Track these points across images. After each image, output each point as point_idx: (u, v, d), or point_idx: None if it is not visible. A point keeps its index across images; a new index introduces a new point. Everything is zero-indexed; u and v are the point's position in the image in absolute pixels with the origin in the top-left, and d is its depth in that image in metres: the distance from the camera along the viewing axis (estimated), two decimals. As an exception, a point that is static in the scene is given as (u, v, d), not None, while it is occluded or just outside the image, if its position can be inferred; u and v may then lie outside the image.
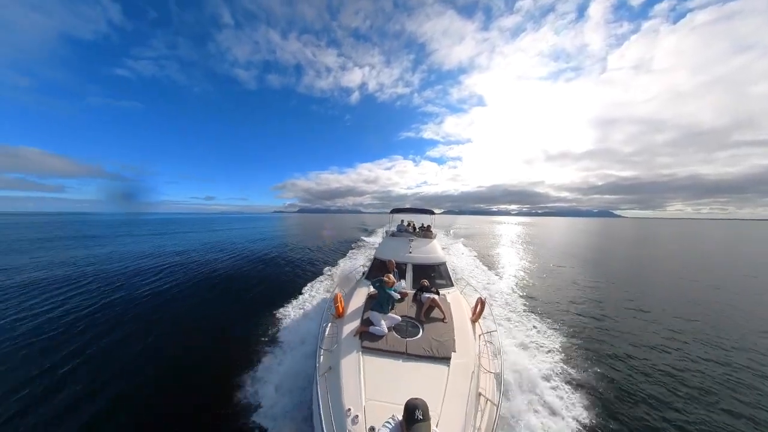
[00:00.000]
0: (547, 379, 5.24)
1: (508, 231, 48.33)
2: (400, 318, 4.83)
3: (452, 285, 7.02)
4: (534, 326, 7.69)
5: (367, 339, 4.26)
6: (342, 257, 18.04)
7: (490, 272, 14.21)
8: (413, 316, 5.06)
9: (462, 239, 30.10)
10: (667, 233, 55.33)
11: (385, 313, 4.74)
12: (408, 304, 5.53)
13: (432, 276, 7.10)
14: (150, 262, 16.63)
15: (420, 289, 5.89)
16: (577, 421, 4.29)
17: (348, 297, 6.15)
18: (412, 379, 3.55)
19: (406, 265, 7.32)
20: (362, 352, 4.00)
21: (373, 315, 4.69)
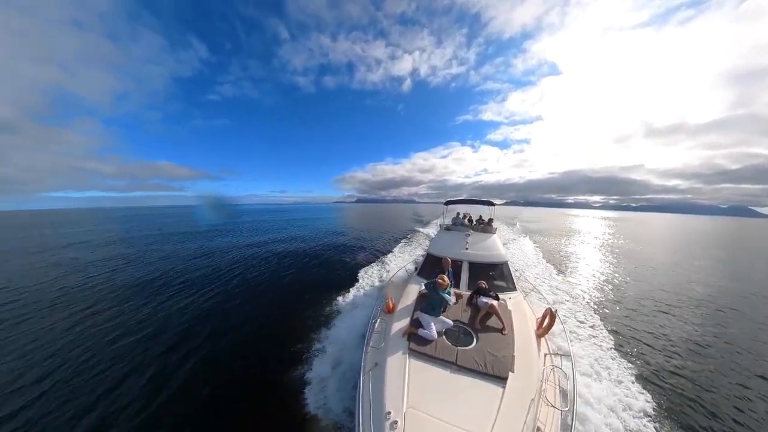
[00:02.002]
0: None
1: (591, 228, 40.06)
2: (452, 323, 4.45)
3: (515, 289, 6.17)
4: (621, 359, 5.91)
5: (415, 341, 4.03)
6: (396, 248, 18.09)
7: (563, 277, 12.06)
8: (467, 321, 4.59)
9: (529, 235, 26.72)
10: None
11: (436, 316, 4.42)
12: (462, 307, 5.05)
13: (491, 276, 6.40)
14: (227, 248, 20.16)
15: (476, 291, 5.32)
16: None
17: (398, 293, 6.00)
18: (460, 395, 3.20)
19: (461, 262, 6.74)
20: (409, 354, 3.80)
21: (423, 317, 4.42)
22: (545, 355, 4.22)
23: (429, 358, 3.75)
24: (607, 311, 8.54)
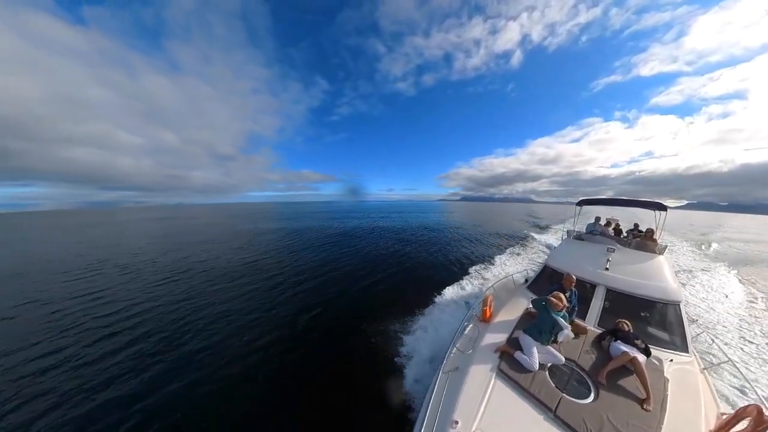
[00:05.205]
0: None
1: None
2: (563, 359, 3.53)
3: (686, 350, 4.07)
4: None
5: (508, 363, 3.47)
6: (501, 254, 16.02)
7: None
8: (586, 368, 3.50)
9: (736, 265, 15.11)
10: None
11: (542, 343, 3.60)
12: (583, 346, 3.90)
13: (643, 319, 4.56)
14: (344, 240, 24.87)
15: (612, 332, 3.97)
16: None
17: (499, 303, 5.32)
18: None
19: (595, 286, 5.10)
20: (497, 374, 3.32)
21: (525, 339, 3.71)
22: None
23: (520, 389, 3.13)
24: None
